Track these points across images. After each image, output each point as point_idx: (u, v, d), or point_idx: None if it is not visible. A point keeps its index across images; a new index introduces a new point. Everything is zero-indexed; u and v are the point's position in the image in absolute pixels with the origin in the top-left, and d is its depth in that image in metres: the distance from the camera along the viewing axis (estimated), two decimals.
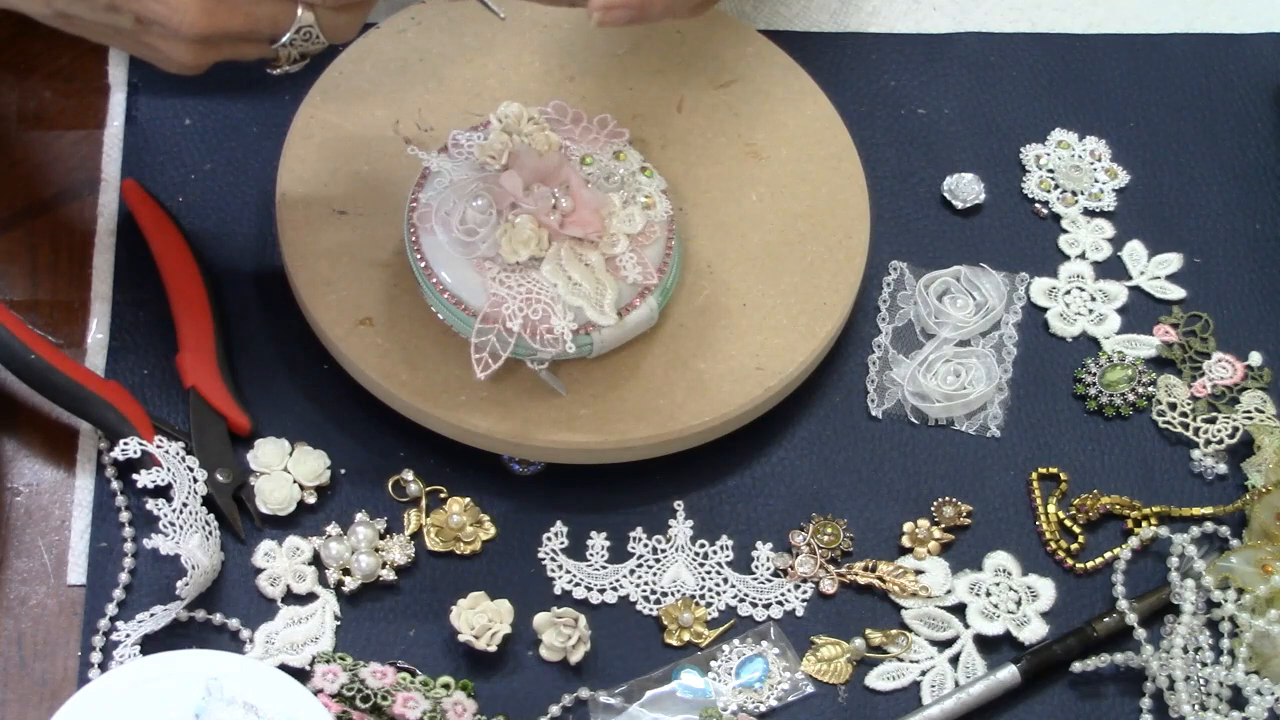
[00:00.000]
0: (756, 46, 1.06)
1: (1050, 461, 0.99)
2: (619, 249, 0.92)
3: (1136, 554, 0.96)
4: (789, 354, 0.96)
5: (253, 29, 0.83)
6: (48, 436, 0.95)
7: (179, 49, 0.83)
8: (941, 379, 1.00)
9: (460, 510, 0.94)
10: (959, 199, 1.06)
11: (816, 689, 0.92)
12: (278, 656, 0.89)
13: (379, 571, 0.92)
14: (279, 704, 0.84)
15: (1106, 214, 1.07)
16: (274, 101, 1.03)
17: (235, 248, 1.00)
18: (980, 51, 1.12)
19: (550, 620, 0.91)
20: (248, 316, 0.99)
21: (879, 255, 1.03)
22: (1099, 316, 1.03)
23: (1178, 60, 1.13)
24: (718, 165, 1.02)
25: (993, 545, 0.96)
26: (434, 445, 0.94)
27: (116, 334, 0.97)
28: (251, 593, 0.91)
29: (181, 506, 0.91)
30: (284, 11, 0.83)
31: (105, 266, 0.99)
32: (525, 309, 0.90)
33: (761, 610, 0.93)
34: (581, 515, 0.95)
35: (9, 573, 0.91)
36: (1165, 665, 0.91)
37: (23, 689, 0.88)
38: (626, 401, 0.94)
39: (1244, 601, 0.92)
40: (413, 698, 0.88)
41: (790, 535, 0.95)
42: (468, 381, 0.92)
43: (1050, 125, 1.10)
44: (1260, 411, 1.00)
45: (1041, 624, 0.93)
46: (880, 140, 1.08)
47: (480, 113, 0.98)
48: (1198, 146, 1.10)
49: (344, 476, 0.95)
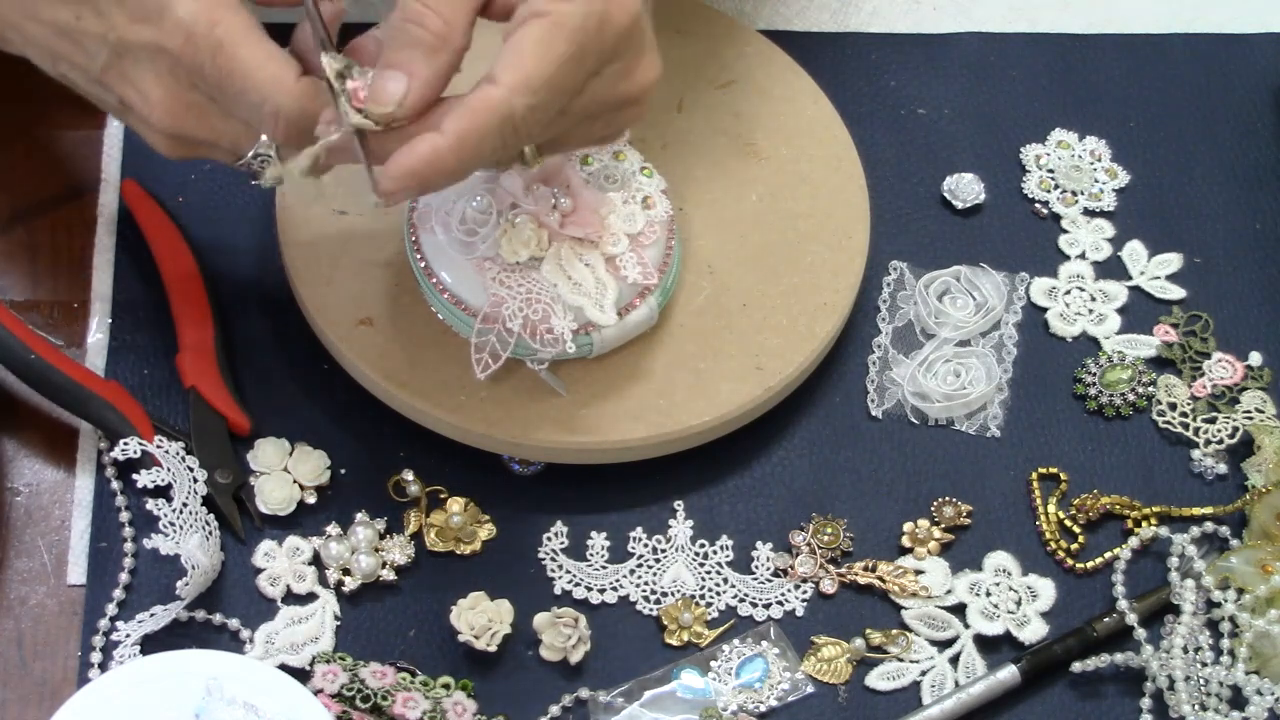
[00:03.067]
0: (756, 46, 1.06)
1: (1050, 461, 0.99)
2: (619, 249, 0.92)
3: (1136, 554, 0.96)
4: (789, 354, 0.96)
5: (215, 141, 0.85)
6: (48, 436, 0.95)
7: (154, 138, 0.86)
8: (941, 379, 1.00)
9: (460, 510, 0.94)
10: (959, 199, 1.06)
11: (816, 689, 0.92)
12: (278, 656, 0.89)
13: (379, 572, 0.92)
14: (279, 704, 0.84)
15: (1106, 214, 1.07)
16: None
17: (235, 247, 1.00)
18: (980, 51, 1.12)
19: (550, 620, 0.91)
20: (248, 316, 0.99)
21: (879, 255, 1.03)
22: (1099, 316, 1.03)
23: (1178, 60, 1.13)
24: (718, 165, 1.02)
25: (993, 545, 0.96)
26: (434, 445, 0.94)
27: (116, 334, 0.97)
28: (251, 593, 0.91)
29: (181, 506, 0.91)
30: (245, 134, 0.84)
31: (105, 266, 0.99)
32: (525, 309, 0.90)
33: (761, 610, 0.93)
34: (581, 515, 0.95)
35: (9, 573, 0.91)
36: (1165, 665, 0.91)
37: (23, 689, 0.88)
38: (626, 401, 0.94)
39: (1244, 601, 0.92)
40: (413, 698, 0.88)
41: (790, 535, 0.95)
42: (468, 381, 0.92)
43: (1050, 125, 1.10)
44: (1260, 411, 1.00)
45: (1041, 624, 0.93)
46: (880, 140, 1.08)
47: None
48: (1198, 146, 1.10)
49: (344, 476, 0.95)
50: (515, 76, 0.78)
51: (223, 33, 0.80)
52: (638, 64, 0.83)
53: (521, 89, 0.78)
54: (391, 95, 0.79)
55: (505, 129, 0.79)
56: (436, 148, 0.78)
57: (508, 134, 0.79)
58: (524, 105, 0.78)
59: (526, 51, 0.78)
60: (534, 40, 0.78)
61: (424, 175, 0.79)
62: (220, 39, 0.80)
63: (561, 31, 0.78)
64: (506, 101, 0.78)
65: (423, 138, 0.78)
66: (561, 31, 0.78)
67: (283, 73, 0.81)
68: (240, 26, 0.81)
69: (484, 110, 0.78)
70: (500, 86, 0.78)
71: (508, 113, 0.78)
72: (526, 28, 0.79)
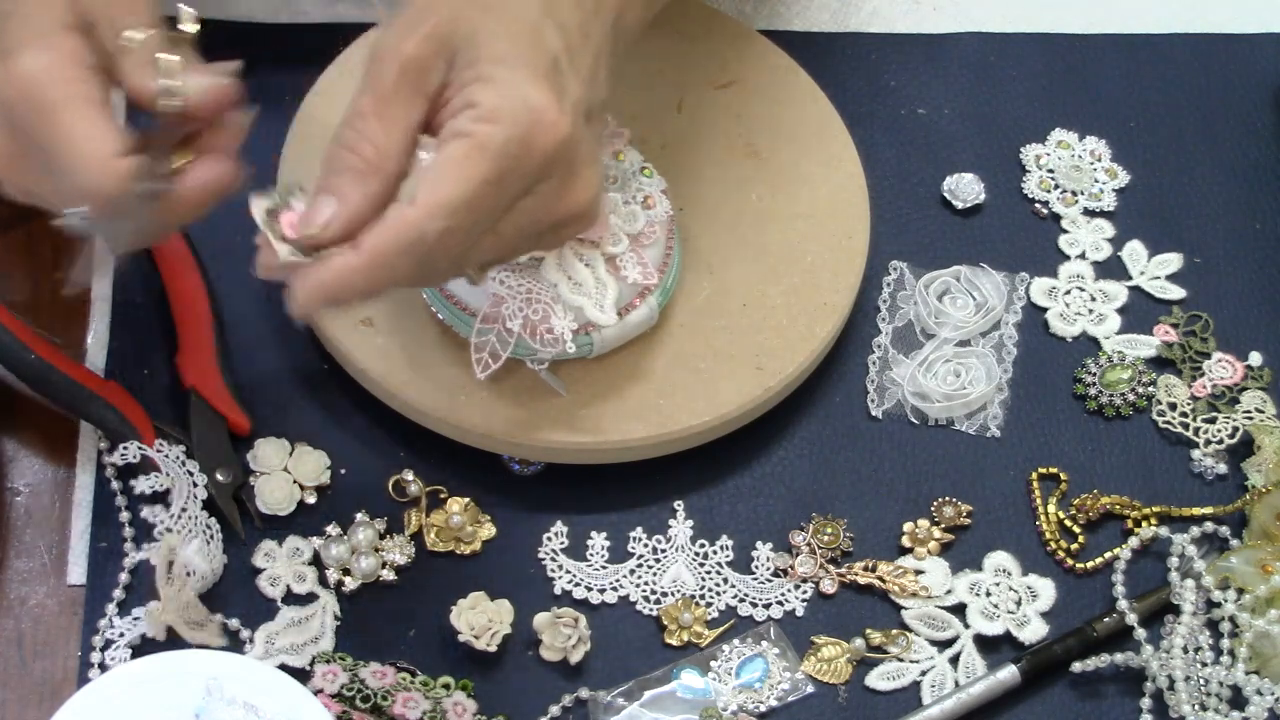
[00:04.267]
0: (756, 46, 1.06)
1: (1050, 461, 0.99)
2: (619, 249, 0.92)
3: (1136, 554, 0.96)
4: (789, 354, 0.96)
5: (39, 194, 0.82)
6: (48, 436, 0.95)
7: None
8: (941, 379, 1.00)
9: (460, 510, 0.94)
10: (959, 199, 1.06)
11: (816, 689, 0.92)
12: (278, 656, 0.89)
13: (379, 572, 0.92)
14: (279, 704, 0.84)
15: (1106, 214, 1.07)
16: (274, 101, 1.03)
17: (235, 248, 1.00)
18: (980, 51, 1.12)
19: (550, 620, 0.91)
20: (248, 316, 0.99)
21: (879, 255, 1.03)
22: (1099, 316, 1.03)
23: (1178, 60, 1.13)
24: (718, 165, 1.02)
25: (993, 545, 0.96)
26: (434, 445, 0.94)
27: (116, 334, 0.97)
28: (251, 593, 0.91)
29: (180, 511, 0.91)
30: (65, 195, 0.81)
31: (105, 266, 0.99)
32: (525, 309, 0.90)
33: (761, 610, 0.93)
34: (581, 515, 0.95)
35: (9, 573, 0.91)
36: (1165, 665, 0.91)
37: (23, 689, 0.88)
38: (626, 401, 0.94)
39: (1244, 601, 0.92)
40: (413, 698, 0.88)
41: (790, 535, 0.95)
42: (468, 381, 0.92)
43: (1050, 125, 1.10)
44: (1260, 411, 1.00)
45: (1041, 624, 0.93)
46: (880, 140, 1.08)
47: None
48: (1198, 146, 1.10)
49: (344, 476, 0.95)
50: (430, 199, 0.77)
51: (57, 96, 0.77)
52: (573, 182, 0.81)
53: (436, 212, 0.77)
54: (318, 219, 0.78)
55: (418, 249, 0.77)
56: (348, 264, 0.77)
57: (420, 255, 0.78)
58: (437, 228, 0.77)
59: (444, 173, 0.77)
60: (454, 162, 0.77)
61: (333, 290, 0.78)
62: (53, 102, 0.77)
63: (483, 154, 0.77)
64: (419, 223, 0.77)
65: (337, 252, 0.77)
66: (483, 154, 0.77)
67: (103, 151, 0.77)
68: (78, 94, 0.77)
69: (396, 229, 0.77)
70: (416, 208, 0.77)
71: (418, 235, 0.77)
72: (448, 148, 0.77)
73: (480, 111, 0.77)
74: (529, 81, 0.78)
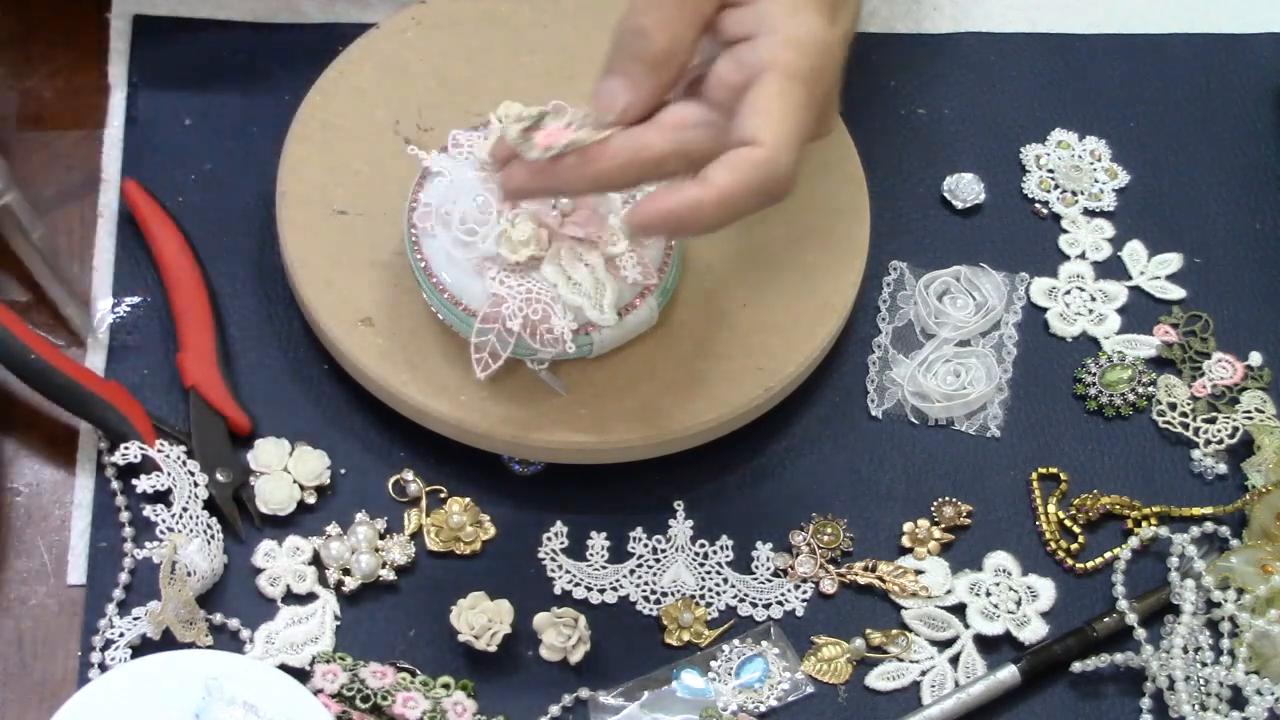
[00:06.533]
0: None
1: (1050, 461, 0.99)
2: (619, 249, 0.92)
3: (1136, 554, 0.96)
4: (789, 354, 0.96)
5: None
6: (48, 436, 0.95)
7: None
8: (941, 379, 1.00)
9: (460, 510, 0.94)
10: (959, 199, 1.06)
11: (816, 689, 0.92)
12: (278, 656, 0.89)
13: (379, 571, 0.92)
14: (279, 704, 0.84)
15: (1106, 214, 1.07)
16: (274, 101, 1.03)
17: (235, 248, 1.00)
18: (980, 51, 1.12)
19: (550, 620, 0.91)
20: (248, 316, 0.99)
21: (879, 255, 1.03)
22: (1099, 316, 1.03)
23: (1178, 60, 1.13)
24: None
25: (993, 545, 0.96)
26: (434, 445, 0.94)
27: (116, 334, 0.97)
28: (251, 593, 0.91)
29: (181, 511, 0.91)
30: None
31: (105, 266, 0.99)
32: (525, 309, 0.90)
33: (761, 610, 0.93)
34: (581, 515, 0.95)
35: (9, 573, 0.91)
36: (1165, 665, 0.91)
37: (23, 689, 0.88)
38: (626, 401, 0.94)
39: (1244, 601, 0.92)
40: (413, 698, 0.88)
41: (790, 535, 0.95)
42: (468, 381, 0.92)
43: (1050, 125, 1.10)
44: (1260, 411, 1.00)
45: (1041, 624, 0.93)
46: (880, 140, 1.08)
47: (480, 113, 0.98)
48: (1198, 146, 1.10)
49: (344, 476, 0.95)
50: (775, 136, 0.79)
51: None
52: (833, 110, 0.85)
53: (785, 147, 0.79)
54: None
55: (770, 187, 0.79)
56: (699, 198, 0.79)
57: (772, 190, 0.80)
58: (789, 162, 0.79)
59: (774, 109, 0.79)
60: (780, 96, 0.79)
61: (683, 219, 0.80)
62: None
63: (795, 83, 0.79)
64: (771, 162, 0.79)
65: (686, 185, 0.79)
66: (795, 83, 0.79)
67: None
68: None
69: (748, 170, 0.79)
70: (765, 147, 0.78)
71: (768, 174, 0.79)
72: (763, 82, 0.79)
73: (783, 38, 0.80)
74: (814, 8, 0.81)
